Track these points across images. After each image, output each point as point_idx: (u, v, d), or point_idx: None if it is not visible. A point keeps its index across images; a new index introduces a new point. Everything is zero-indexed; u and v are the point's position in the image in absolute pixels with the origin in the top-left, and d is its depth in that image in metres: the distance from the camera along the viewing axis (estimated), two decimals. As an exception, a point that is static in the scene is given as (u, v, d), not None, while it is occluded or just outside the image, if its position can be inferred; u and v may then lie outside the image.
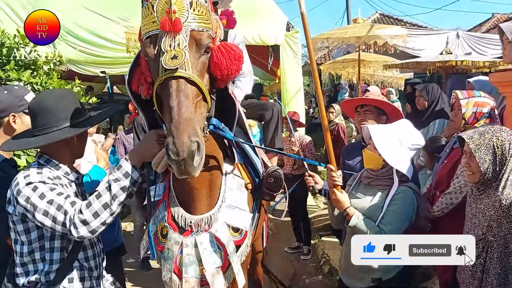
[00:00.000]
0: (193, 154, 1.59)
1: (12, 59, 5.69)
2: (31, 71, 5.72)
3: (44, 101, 1.95)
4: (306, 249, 5.90)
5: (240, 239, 2.24)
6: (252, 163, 2.52)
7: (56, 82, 5.99)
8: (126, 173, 1.82)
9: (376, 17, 20.27)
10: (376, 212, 2.41)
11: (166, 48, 1.66)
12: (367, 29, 6.02)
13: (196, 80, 1.70)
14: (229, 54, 1.80)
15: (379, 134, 2.46)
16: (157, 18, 1.68)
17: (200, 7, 1.74)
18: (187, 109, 1.62)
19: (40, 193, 1.79)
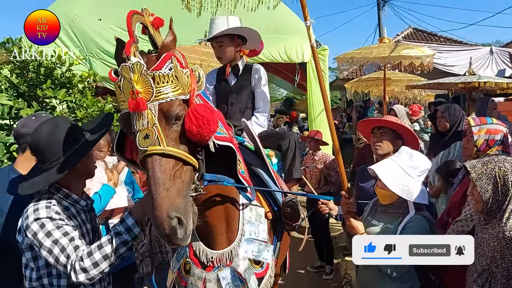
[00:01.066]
0: (174, 230, 1.63)
1: (49, 78, 6.03)
2: (66, 90, 6.04)
3: (39, 139, 2.03)
4: (328, 269, 5.89)
5: (262, 271, 2.29)
6: (270, 193, 2.59)
7: (90, 99, 6.29)
8: (128, 228, 1.91)
9: (409, 32, 20.04)
10: None
11: (138, 128, 1.71)
12: (392, 49, 6.01)
13: (171, 152, 1.73)
14: (198, 120, 1.79)
15: (385, 172, 2.48)
16: (125, 98, 1.73)
17: (164, 78, 1.74)
18: (164, 186, 1.65)
19: (47, 231, 1.87)
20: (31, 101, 5.94)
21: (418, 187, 2.45)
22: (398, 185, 2.42)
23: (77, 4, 8.53)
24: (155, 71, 1.72)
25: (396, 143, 3.12)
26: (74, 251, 1.85)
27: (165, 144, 1.72)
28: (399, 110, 6.20)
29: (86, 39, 8.34)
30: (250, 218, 2.35)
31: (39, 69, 6.02)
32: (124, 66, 1.70)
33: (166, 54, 1.77)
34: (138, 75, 1.68)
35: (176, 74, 1.77)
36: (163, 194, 1.64)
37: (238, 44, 3.24)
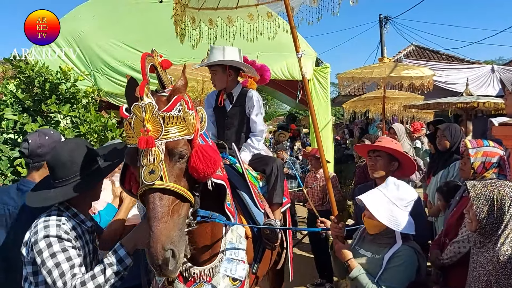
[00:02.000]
0: (167, 262, 1.74)
1: (54, 94, 6.12)
2: (71, 105, 6.12)
3: (59, 155, 2.13)
4: (328, 286, 5.88)
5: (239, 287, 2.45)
6: (250, 214, 2.77)
7: (94, 114, 6.37)
8: (120, 259, 1.99)
9: (411, 49, 20.16)
10: (376, 269, 2.47)
11: (143, 163, 1.80)
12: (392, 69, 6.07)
13: (173, 188, 1.84)
14: (205, 159, 1.93)
15: (373, 202, 2.51)
16: (135, 134, 1.84)
17: (173, 119, 1.87)
18: (162, 220, 1.76)
19: (52, 252, 1.94)
20: (35, 116, 6.02)
21: (405, 217, 2.47)
22: (386, 216, 2.44)
23: (83, 21, 8.67)
24: (165, 113, 1.84)
25: (392, 164, 3.16)
26: (72, 278, 1.91)
27: (167, 180, 1.82)
28: (398, 129, 6.25)
29: (91, 54, 8.47)
30: (231, 239, 2.49)
31: (45, 84, 6.11)
32: (137, 105, 1.81)
33: (177, 97, 1.90)
34: (149, 114, 1.80)
35: (183, 115, 1.89)
36: (161, 227, 1.74)
37: (230, 74, 3.43)
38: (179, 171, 1.91)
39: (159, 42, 8.39)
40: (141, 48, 8.36)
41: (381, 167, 3.18)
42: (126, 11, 8.59)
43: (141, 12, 8.52)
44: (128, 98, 1.98)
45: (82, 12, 8.85)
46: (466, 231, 2.79)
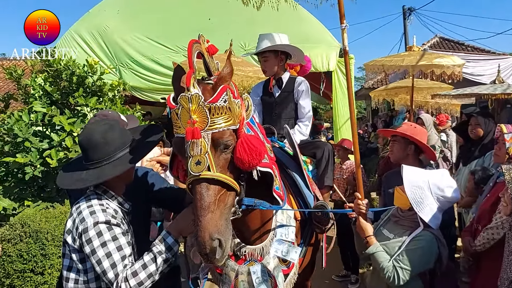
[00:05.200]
0: (214, 251, 1.76)
1: (81, 87, 6.23)
2: (97, 98, 6.22)
3: (92, 135, 2.05)
4: (354, 278, 5.83)
5: (288, 268, 2.45)
6: (302, 196, 2.72)
7: (120, 107, 6.46)
8: (169, 246, 1.99)
9: (435, 41, 19.76)
10: (395, 250, 2.45)
11: (190, 153, 1.80)
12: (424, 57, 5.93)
13: (219, 178, 1.83)
14: (251, 150, 1.90)
15: (411, 177, 2.49)
16: (181, 125, 1.83)
17: (219, 110, 1.84)
18: (209, 210, 1.77)
19: (103, 241, 1.90)
20: (63, 108, 6.14)
21: (432, 206, 2.41)
22: (414, 193, 2.42)
23: (108, 16, 8.80)
24: (211, 103, 1.82)
25: (409, 148, 3.18)
26: (123, 268, 1.90)
27: (214, 171, 1.83)
28: (426, 119, 6.12)
29: (116, 49, 8.58)
30: (282, 220, 2.48)
31: (72, 77, 6.22)
32: (183, 96, 1.80)
33: (223, 87, 1.87)
34: (196, 105, 1.79)
35: (229, 105, 1.87)
36: (208, 217, 1.76)
37: (281, 60, 3.44)
38: (225, 161, 1.91)
39: (183, 35, 8.43)
40: (164, 42, 8.45)
41: (397, 151, 3.25)
42: (150, 5, 8.67)
43: (164, 6, 8.59)
44: (174, 86, 1.97)
45: (107, 7, 8.98)
46: (501, 217, 2.72)
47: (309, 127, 3.51)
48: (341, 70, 8.34)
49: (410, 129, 3.20)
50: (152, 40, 8.47)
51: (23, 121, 5.61)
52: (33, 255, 4.23)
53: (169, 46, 8.37)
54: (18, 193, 5.62)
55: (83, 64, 6.34)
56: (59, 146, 5.55)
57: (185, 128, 1.79)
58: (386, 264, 2.39)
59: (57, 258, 4.46)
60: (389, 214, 2.74)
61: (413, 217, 2.49)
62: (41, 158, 5.47)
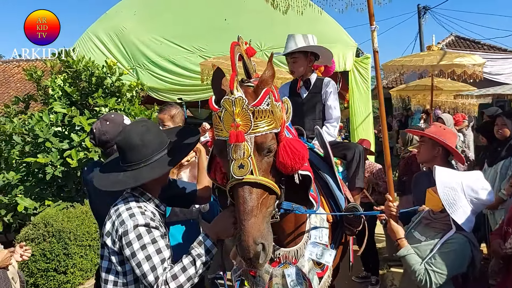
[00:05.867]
0: (258, 255, 1.73)
1: (100, 88, 6.28)
2: (116, 98, 6.26)
3: (130, 137, 2.03)
4: (374, 279, 5.77)
5: (322, 271, 2.43)
6: (334, 197, 2.69)
7: (138, 108, 6.50)
8: (208, 249, 1.97)
9: (451, 40, 19.54)
10: (426, 253, 2.40)
11: (233, 157, 1.78)
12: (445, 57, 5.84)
13: (262, 181, 1.81)
14: (294, 154, 1.88)
15: (444, 179, 2.43)
16: (224, 128, 1.80)
17: (262, 113, 1.81)
18: (252, 213, 1.75)
19: (143, 244, 1.89)
20: (83, 109, 6.20)
21: (466, 209, 2.35)
22: (446, 194, 2.36)
23: (125, 17, 8.86)
24: (255, 107, 1.80)
25: (437, 150, 3.12)
26: (163, 271, 1.89)
27: (257, 174, 1.81)
28: (447, 119, 6.04)
29: (133, 50, 8.63)
30: (315, 222, 2.47)
31: (91, 78, 6.28)
32: (227, 99, 1.78)
33: (266, 90, 1.85)
34: (239, 109, 1.77)
35: (271, 109, 1.86)
36: (251, 221, 1.74)
37: (310, 60, 3.41)
38: (267, 165, 1.89)
39: (199, 36, 8.47)
40: (180, 43, 8.47)
41: (425, 152, 3.18)
42: (166, 6, 8.71)
43: (180, 6, 8.62)
44: (214, 89, 1.94)
45: (123, 8, 9.05)
46: None
47: (337, 128, 3.48)
48: (357, 69, 8.27)
49: (439, 131, 3.13)
50: (168, 40, 8.50)
51: (43, 122, 5.66)
52: (56, 255, 4.28)
53: (186, 46, 8.39)
54: (38, 192, 5.68)
55: (102, 65, 6.39)
56: (79, 146, 5.60)
57: (229, 131, 1.77)
58: (417, 267, 2.35)
59: (79, 257, 4.51)
60: (420, 217, 2.69)
61: (445, 219, 2.43)
62: (61, 158, 5.52)
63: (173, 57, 8.43)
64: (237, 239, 1.77)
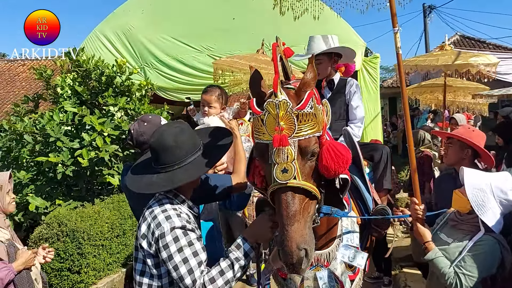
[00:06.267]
0: (301, 261, 1.71)
1: (110, 87, 6.26)
2: (126, 98, 6.24)
3: (164, 139, 2.00)
4: (386, 280, 5.74)
5: (354, 274, 2.43)
6: (363, 199, 2.69)
7: (147, 107, 6.49)
8: (246, 253, 1.95)
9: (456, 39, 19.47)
10: (454, 255, 2.38)
11: (276, 161, 1.75)
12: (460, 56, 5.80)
13: (305, 186, 1.78)
14: (338, 158, 1.85)
15: (473, 180, 2.40)
16: (267, 131, 1.77)
17: (306, 117, 1.79)
18: (295, 219, 1.73)
19: (179, 247, 1.87)
20: (92, 108, 6.18)
21: (495, 210, 2.32)
22: (475, 196, 2.33)
23: (133, 16, 8.83)
24: (299, 110, 1.77)
25: (466, 152, 3.06)
26: (201, 274, 1.87)
27: (300, 179, 1.78)
28: (460, 119, 6.02)
29: (141, 49, 8.61)
30: (347, 225, 2.47)
31: (101, 78, 6.26)
32: (271, 102, 1.76)
33: (309, 93, 1.82)
34: (283, 112, 1.74)
35: (315, 112, 1.83)
36: (295, 226, 1.71)
37: (334, 61, 3.38)
38: (310, 169, 1.86)
39: (207, 35, 8.43)
40: (189, 42, 8.44)
41: (453, 154, 3.11)
42: (174, 5, 8.68)
43: (188, 6, 8.59)
44: (253, 91, 1.91)
45: (131, 7, 9.02)
46: None
47: (361, 129, 3.45)
48: (366, 69, 8.23)
49: (467, 132, 3.07)
50: (176, 39, 8.47)
51: (54, 121, 5.65)
52: (70, 254, 4.27)
53: (194, 45, 8.36)
54: (49, 192, 5.66)
55: (112, 64, 6.37)
56: (89, 146, 5.58)
57: (272, 135, 1.75)
58: (447, 270, 2.32)
59: (93, 257, 4.49)
60: (445, 218, 2.65)
61: (473, 221, 2.40)
62: (72, 158, 5.51)
63: (181, 56, 8.41)
64: (279, 244, 1.74)
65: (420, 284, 5.43)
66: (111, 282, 4.74)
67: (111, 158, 5.72)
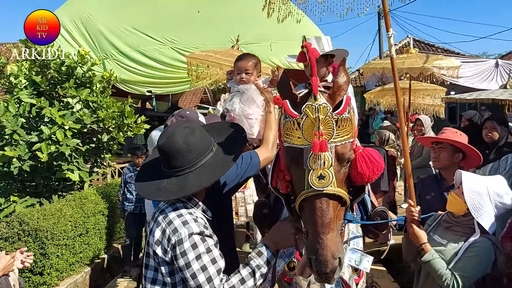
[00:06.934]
0: (335, 270, 1.66)
1: (71, 78, 5.95)
2: (89, 90, 5.95)
3: (174, 141, 1.86)
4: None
5: (359, 277, 2.42)
6: (363, 201, 2.64)
7: (111, 100, 6.21)
8: (267, 260, 1.87)
9: (406, 42, 20.17)
10: (449, 257, 2.42)
11: (312, 166, 1.68)
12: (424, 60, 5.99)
13: (339, 193, 1.72)
14: (372, 165, 1.81)
15: (471, 183, 2.44)
16: (303, 136, 1.70)
17: (344, 122, 1.72)
18: (330, 227, 1.67)
19: (198, 254, 1.76)
20: (52, 100, 5.84)
21: (490, 213, 2.39)
22: (472, 199, 2.38)
23: (92, 4, 8.45)
24: (339, 115, 1.70)
25: (456, 156, 3.09)
26: (220, 283, 1.77)
27: (335, 186, 1.71)
28: (425, 120, 6.19)
29: (100, 39, 8.25)
30: (353, 229, 2.45)
31: (61, 68, 5.93)
32: (310, 106, 1.68)
33: (347, 97, 1.75)
34: (323, 116, 1.68)
35: (350, 117, 1.77)
36: (330, 235, 1.66)
37: (329, 63, 3.32)
38: (343, 176, 1.79)
39: (171, 27, 8.21)
40: (151, 34, 8.20)
41: (444, 159, 3.10)
42: (136, -5, 8.41)
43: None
44: (282, 93, 1.82)
45: (89, -6, 8.63)
46: None
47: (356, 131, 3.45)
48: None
49: (456, 135, 3.09)
50: (138, 31, 8.18)
51: (10, 112, 5.30)
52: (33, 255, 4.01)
53: (157, 37, 8.12)
54: (3, 188, 5.32)
55: (73, 53, 6.06)
56: (49, 139, 5.28)
57: (310, 140, 1.68)
58: (444, 272, 2.35)
59: (56, 257, 4.26)
60: (438, 220, 2.70)
61: (468, 223, 2.45)
62: (30, 152, 5.19)
63: (143, 48, 8.15)
64: (312, 253, 1.67)
65: (386, 280, 5.57)
66: (74, 283, 4.53)
67: (72, 153, 5.45)
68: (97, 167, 6.38)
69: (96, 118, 5.73)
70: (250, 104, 3.06)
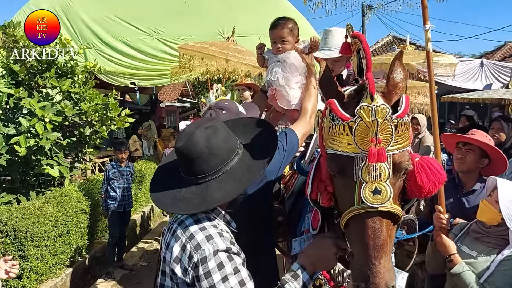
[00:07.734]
0: None
1: (52, 67, 5.62)
2: (71, 81, 5.64)
3: (193, 143, 1.62)
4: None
5: None
6: None
7: (94, 92, 5.90)
8: (304, 284, 1.63)
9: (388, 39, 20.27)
10: (480, 270, 2.26)
11: (365, 179, 1.45)
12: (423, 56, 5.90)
13: (395, 211, 1.49)
14: (434, 177, 1.57)
15: (508, 192, 2.26)
16: (354, 142, 1.45)
17: (403, 126, 1.48)
18: (383, 250, 1.45)
19: (224, 275, 1.52)
20: (31, 90, 5.51)
21: None
22: (509, 209, 2.20)
23: (73, -10, 8.07)
24: (399, 119, 1.46)
25: (482, 161, 2.88)
26: None
27: (391, 202, 1.46)
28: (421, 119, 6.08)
29: (81, 28, 7.89)
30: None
31: (41, 56, 5.61)
32: (366, 107, 1.43)
33: (407, 98, 1.52)
34: (382, 120, 1.43)
35: (409, 120, 1.54)
36: (383, 260, 1.43)
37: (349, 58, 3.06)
38: (398, 189, 1.54)
39: (156, 18, 7.90)
40: (136, 24, 7.88)
41: (471, 162, 2.88)
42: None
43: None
44: (325, 90, 1.60)
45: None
46: None
47: None
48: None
49: (488, 141, 2.88)
50: (122, 20, 7.85)
51: (-15, 103, 4.96)
52: (11, 257, 3.73)
53: (141, 28, 7.82)
54: (-23, 183, 5.00)
55: (55, 42, 5.72)
56: (28, 132, 4.96)
57: (363, 147, 1.43)
58: (475, 286, 2.20)
59: (35, 260, 3.99)
60: (465, 229, 2.54)
61: (501, 233, 2.28)
62: (7, 145, 4.87)
63: (127, 38, 7.83)
64: (361, 279, 1.44)
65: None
66: (54, 286, 4.26)
67: (52, 147, 5.14)
68: (78, 162, 6.07)
69: (79, 110, 5.43)
70: (293, 71, 2.77)
